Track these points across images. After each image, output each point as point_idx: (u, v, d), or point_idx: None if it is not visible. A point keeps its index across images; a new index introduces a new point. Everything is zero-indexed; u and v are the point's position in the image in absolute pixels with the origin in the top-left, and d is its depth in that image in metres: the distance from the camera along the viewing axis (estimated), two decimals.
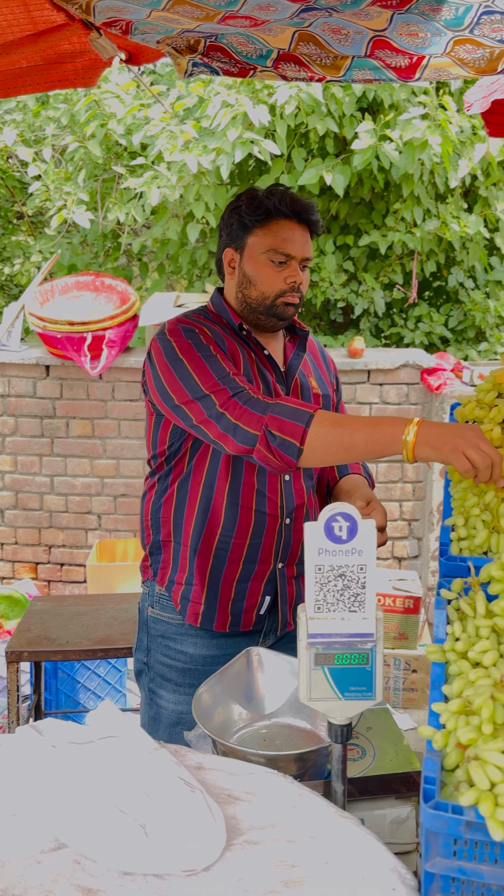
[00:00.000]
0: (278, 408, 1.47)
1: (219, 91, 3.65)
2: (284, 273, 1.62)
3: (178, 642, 1.73)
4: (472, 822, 0.87)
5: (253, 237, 1.63)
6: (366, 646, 1.22)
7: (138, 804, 1.13)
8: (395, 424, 1.39)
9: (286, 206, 1.62)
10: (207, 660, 1.72)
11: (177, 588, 1.73)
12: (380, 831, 1.39)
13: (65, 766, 1.19)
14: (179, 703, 1.72)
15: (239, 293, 1.67)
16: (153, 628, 1.76)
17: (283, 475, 1.69)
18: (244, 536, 1.68)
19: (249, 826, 1.15)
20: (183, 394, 1.54)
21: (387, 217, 4.04)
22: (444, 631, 1.17)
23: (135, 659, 1.82)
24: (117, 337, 3.76)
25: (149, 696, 1.78)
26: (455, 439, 1.32)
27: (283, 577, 1.73)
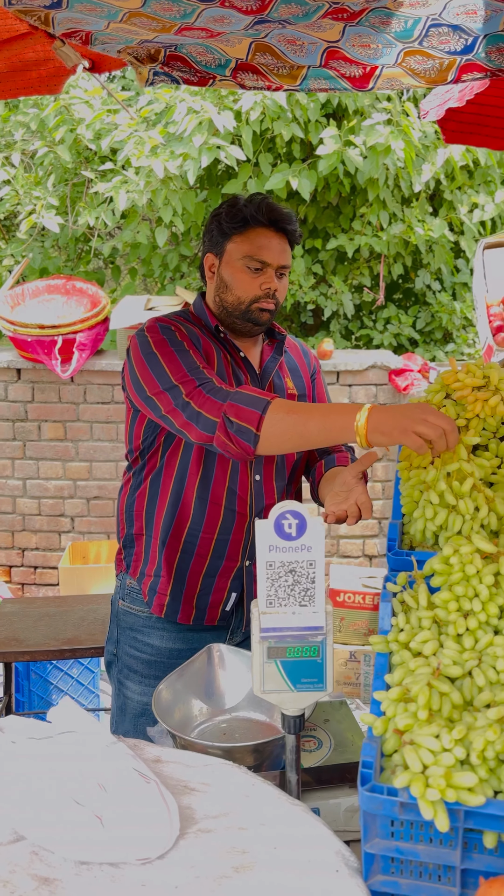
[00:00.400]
0: (237, 395, 1.51)
1: (184, 98, 3.69)
2: (260, 279, 1.67)
3: (146, 635, 1.77)
4: (406, 803, 0.92)
5: (231, 244, 1.68)
6: (316, 639, 1.27)
7: (95, 796, 1.16)
8: (346, 412, 1.42)
9: (263, 215, 1.66)
10: (173, 653, 1.76)
11: (146, 580, 1.77)
12: (335, 820, 1.43)
13: (23, 760, 1.22)
14: (145, 695, 1.76)
15: (217, 297, 1.73)
16: (123, 620, 1.81)
17: (253, 475, 1.73)
18: (212, 532, 1.72)
19: (203, 815, 1.18)
20: (154, 385, 1.58)
21: (354, 221, 4.10)
22: (388, 623, 1.21)
23: (106, 650, 1.87)
24: (88, 340, 3.78)
25: (117, 688, 1.83)
26: (402, 420, 1.34)
27: (249, 574, 1.77)
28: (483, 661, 1.06)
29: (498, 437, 1.47)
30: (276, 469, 1.77)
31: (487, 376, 1.47)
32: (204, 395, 1.53)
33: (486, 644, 1.08)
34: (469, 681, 1.06)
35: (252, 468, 1.73)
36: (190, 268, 4.58)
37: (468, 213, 4.04)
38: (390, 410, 1.38)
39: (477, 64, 1.77)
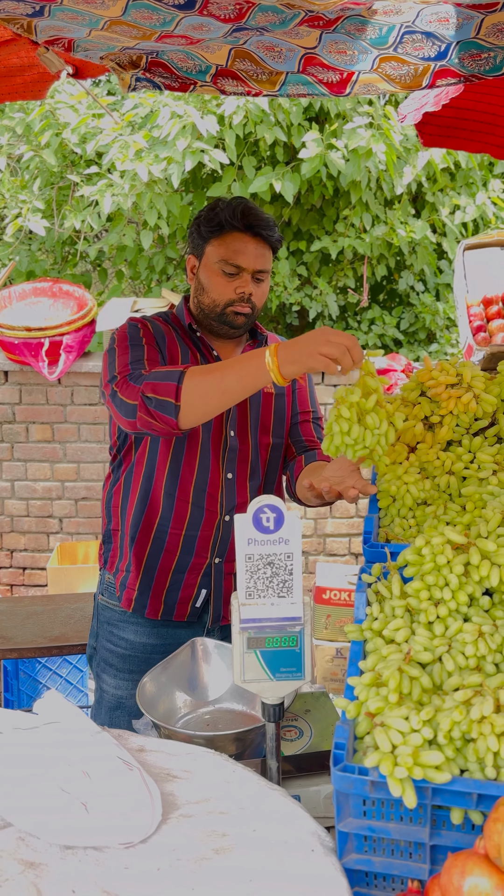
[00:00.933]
0: (152, 374, 1.55)
1: (167, 102, 3.72)
2: (235, 283, 1.69)
3: (121, 629, 1.80)
4: (376, 781, 0.95)
5: (210, 247, 1.71)
6: (294, 629, 1.30)
7: (79, 783, 1.19)
8: (256, 356, 1.45)
9: (238, 220, 1.68)
10: (147, 647, 1.79)
11: (119, 575, 1.81)
12: (315, 806, 1.47)
13: (10, 750, 1.25)
14: (119, 688, 1.79)
15: (195, 298, 1.77)
16: (101, 614, 1.85)
17: (225, 473, 1.76)
18: (180, 528, 1.75)
19: (185, 801, 1.22)
20: (105, 375, 1.65)
21: (337, 223, 4.15)
22: (363, 612, 1.25)
23: (88, 644, 1.90)
24: (75, 342, 3.81)
25: (96, 681, 1.86)
26: (307, 346, 1.39)
27: (219, 572, 1.80)
28: (452, 647, 1.10)
29: (471, 433, 1.51)
30: (250, 468, 1.79)
31: (461, 374, 1.52)
32: (126, 383, 1.58)
33: (455, 631, 1.12)
34: (439, 666, 1.10)
35: (224, 466, 1.76)
36: (176, 270, 4.61)
37: (450, 214, 4.09)
38: (294, 341, 1.42)
39: (451, 70, 1.81)
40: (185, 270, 1.86)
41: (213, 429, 1.74)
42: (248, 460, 1.79)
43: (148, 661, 1.76)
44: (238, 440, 1.77)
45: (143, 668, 1.76)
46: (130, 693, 1.78)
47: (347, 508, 3.97)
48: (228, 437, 1.76)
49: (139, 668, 1.77)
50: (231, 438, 1.76)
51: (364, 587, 1.29)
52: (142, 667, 1.76)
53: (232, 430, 1.76)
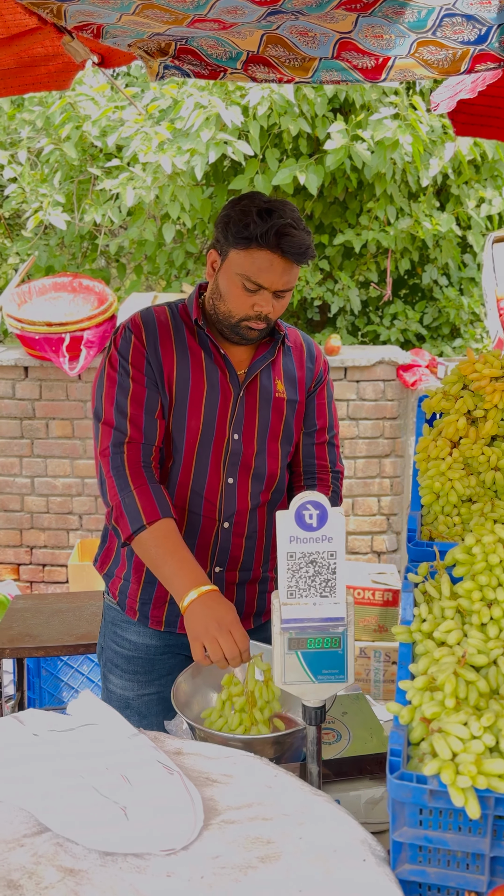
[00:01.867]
0: (128, 499, 1.56)
1: (191, 93, 3.68)
2: (254, 300, 1.58)
3: (124, 630, 1.75)
4: (435, 790, 0.91)
5: (234, 253, 1.57)
6: (337, 629, 1.26)
7: (118, 788, 1.16)
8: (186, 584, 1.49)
9: (269, 241, 1.53)
10: (151, 649, 1.73)
11: (115, 581, 1.74)
12: (355, 812, 1.43)
13: (46, 753, 1.22)
14: (126, 689, 1.74)
15: (211, 300, 1.65)
16: (107, 614, 1.80)
17: (226, 478, 1.68)
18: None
19: (226, 806, 1.18)
20: (93, 408, 1.65)
21: (361, 216, 4.09)
22: (411, 613, 1.21)
23: (98, 643, 1.85)
24: (95, 337, 3.78)
25: (103, 680, 1.82)
26: (200, 626, 1.45)
27: (220, 582, 1.70)
28: None
29: None
30: (252, 474, 1.69)
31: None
32: (108, 471, 1.59)
33: None
34: (494, 669, 1.05)
35: (225, 471, 1.67)
36: (196, 265, 4.57)
37: (476, 207, 4.03)
38: (207, 610, 1.46)
39: (490, 54, 1.76)
40: (205, 263, 1.77)
41: (216, 432, 1.65)
42: (251, 466, 1.69)
43: (153, 663, 1.71)
44: (242, 444, 1.68)
45: (147, 669, 1.72)
46: (138, 694, 1.73)
47: (370, 506, 3.92)
48: (231, 441, 1.67)
49: (144, 668, 1.73)
50: (234, 442, 1.67)
51: (410, 587, 1.25)
52: (146, 667, 1.72)
53: (236, 433, 1.67)
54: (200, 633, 1.44)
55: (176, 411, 1.65)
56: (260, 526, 1.72)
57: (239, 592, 1.74)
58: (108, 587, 1.77)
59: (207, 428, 1.66)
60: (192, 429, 1.65)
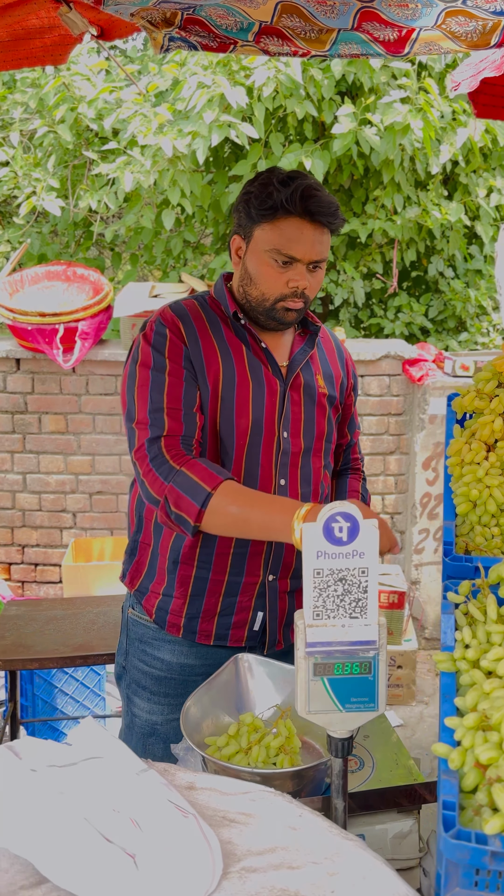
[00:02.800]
0: (180, 478, 1.42)
1: (195, 71, 3.53)
2: (287, 275, 1.48)
3: (156, 648, 1.63)
4: (497, 851, 0.79)
5: (259, 230, 1.48)
6: (368, 654, 1.15)
7: (126, 833, 1.04)
8: (286, 510, 1.34)
9: (295, 205, 1.44)
10: (186, 669, 1.61)
11: (150, 597, 1.62)
12: (381, 847, 1.32)
13: (45, 792, 1.09)
14: (153, 713, 1.62)
15: (241, 287, 1.55)
16: (132, 631, 1.66)
17: (278, 479, 1.59)
18: (227, 547, 1.56)
19: (246, 851, 1.07)
20: (124, 410, 1.52)
21: (366, 204, 3.96)
22: (452, 637, 1.09)
23: (116, 661, 1.72)
24: (91, 329, 3.64)
25: (126, 703, 1.69)
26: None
27: (273, 591, 1.61)
28: None
29: None
30: (301, 474, 1.60)
31: None
32: (148, 465, 1.45)
33: None
34: None
35: (277, 472, 1.57)
36: (194, 254, 4.43)
37: (485, 196, 3.90)
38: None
39: None
40: (228, 249, 1.64)
41: (266, 429, 1.55)
42: (299, 465, 1.60)
43: (186, 684, 1.58)
44: (291, 443, 1.58)
45: (180, 692, 1.59)
46: (167, 718, 1.61)
47: (374, 504, 3.81)
48: (282, 439, 1.57)
49: (176, 691, 1.60)
50: (284, 440, 1.57)
51: (451, 608, 1.13)
52: (179, 690, 1.59)
53: (285, 430, 1.57)
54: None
55: (223, 411, 1.52)
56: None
57: (290, 601, 1.64)
58: (142, 604, 1.63)
59: (257, 426, 1.54)
60: (241, 428, 1.53)
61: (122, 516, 3.88)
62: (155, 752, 1.60)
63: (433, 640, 3.74)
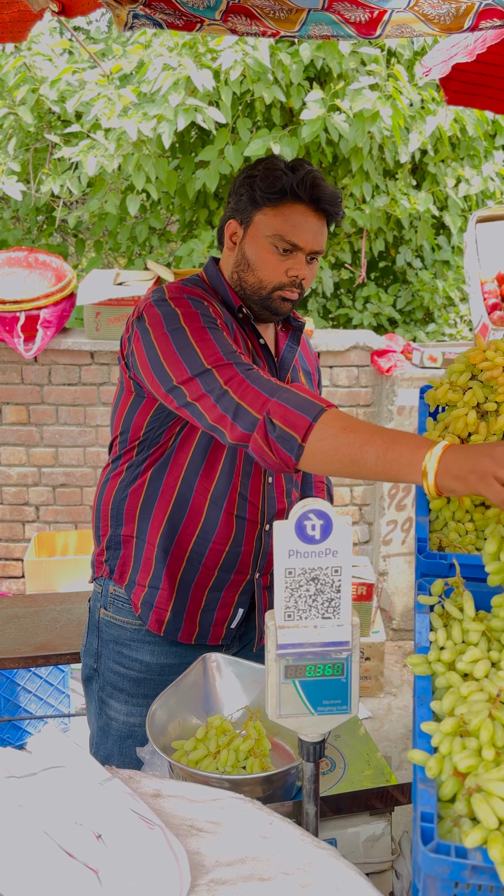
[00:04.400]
0: (287, 394, 1.26)
1: (160, 53, 3.44)
2: (287, 263, 1.44)
3: (133, 649, 1.58)
4: (478, 865, 0.76)
5: (261, 215, 1.44)
6: (341, 655, 1.11)
7: (89, 847, 0.99)
8: (416, 446, 1.14)
9: (304, 190, 1.41)
10: (165, 669, 1.57)
11: (138, 590, 1.57)
12: (353, 850, 1.29)
13: (2, 805, 1.04)
14: (131, 715, 1.58)
15: (235, 274, 1.49)
16: (105, 632, 1.61)
17: (266, 477, 1.54)
18: (224, 543, 1.53)
19: (215, 862, 1.03)
20: (182, 371, 1.33)
21: None
22: (426, 638, 1.06)
23: (83, 663, 1.66)
24: (53, 317, 3.54)
25: (98, 706, 1.63)
26: (483, 461, 1.06)
27: (259, 588, 1.59)
28: None
29: None
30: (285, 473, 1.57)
31: None
32: (246, 384, 1.28)
33: None
34: None
35: (265, 469, 1.53)
36: (160, 241, 4.35)
37: (454, 186, 3.89)
38: (470, 450, 1.10)
39: (497, 9, 1.60)
40: (217, 234, 1.56)
41: None
42: None
43: (166, 684, 1.54)
44: None
45: (158, 692, 1.55)
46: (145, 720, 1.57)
47: (342, 496, 3.79)
48: None
49: (155, 691, 1.55)
50: None
51: (425, 608, 1.10)
52: (158, 690, 1.54)
53: None
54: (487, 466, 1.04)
55: None
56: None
57: (270, 596, 1.63)
58: (130, 598, 1.57)
59: None
60: None
61: (86, 510, 3.80)
62: (131, 754, 1.56)
63: (401, 631, 3.74)
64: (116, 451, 1.57)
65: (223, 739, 1.27)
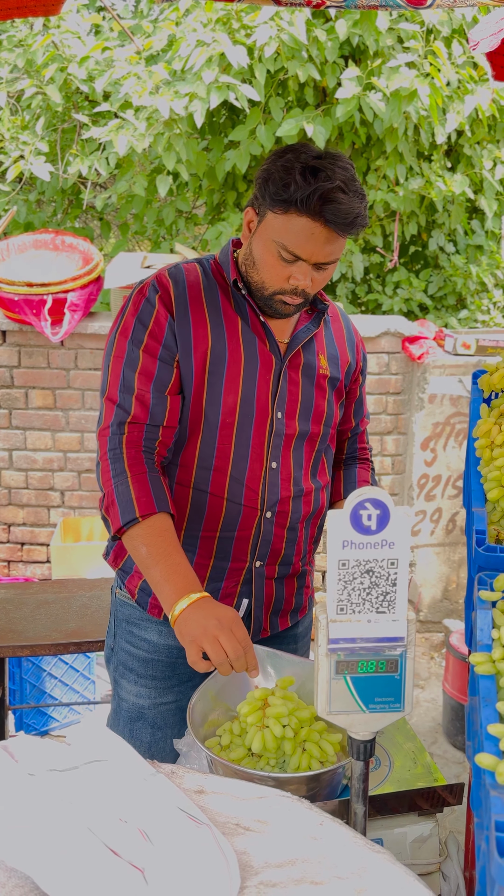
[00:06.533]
0: (122, 486, 1.39)
1: (195, 27, 3.35)
2: (290, 271, 1.38)
3: (142, 629, 1.54)
4: None
5: (271, 215, 1.37)
6: (395, 651, 1.07)
7: (135, 844, 0.96)
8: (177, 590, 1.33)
9: (312, 208, 1.31)
10: (173, 651, 1.52)
11: (133, 578, 1.54)
12: (400, 851, 1.25)
13: (45, 799, 1.01)
14: (140, 697, 1.54)
15: (244, 266, 1.45)
16: (119, 611, 1.59)
17: (269, 462, 1.49)
18: (213, 529, 1.48)
19: (264, 863, 0.99)
20: (101, 380, 1.48)
21: (367, 174, 3.82)
22: (488, 635, 1.01)
23: (105, 644, 1.65)
24: (80, 300, 3.50)
25: (113, 687, 1.61)
26: (195, 628, 1.27)
27: (260, 577, 1.53)
28: None
29: None
30: (293, 457, 1.51)
31: None
32: (105, 453, 1.43)
33: None
34: None
35: (269, 454, 1.48)
36: (188, 224, 4.28)
37: (491, 169, 3.78)
38: (203, 611, 1.29)
39: None
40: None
41: (258, 409, 1.46)
42: (292, 447, 1.51)
43: (173, 666, 1.51)
44: (286, 424, 1.49)
45: (167, 674, 1.52)
46: (154, 703, 1.53)
47: None
48: (275, 420, 1.48)
49: (164, 673, 1.52)
50: (278, 421, 1.48)
51: (487, 604, 1.05)
52: (166, 672, 1.52)
53: (280, 411, 1.48)
54: (198, 633, 1.27)
55: (211, 387, 1.44)
56: (303, 516, 1.54)
57: (278, 588, 1.57)
58: (125, 584, 1.55)
59: (247, 404, 1.45)
60: (228, 405, 1.44)
61: None
62: (142, 737, 1.53)
63: (428, 623, 3.69)
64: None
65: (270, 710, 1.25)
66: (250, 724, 1.24)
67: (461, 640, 2.88)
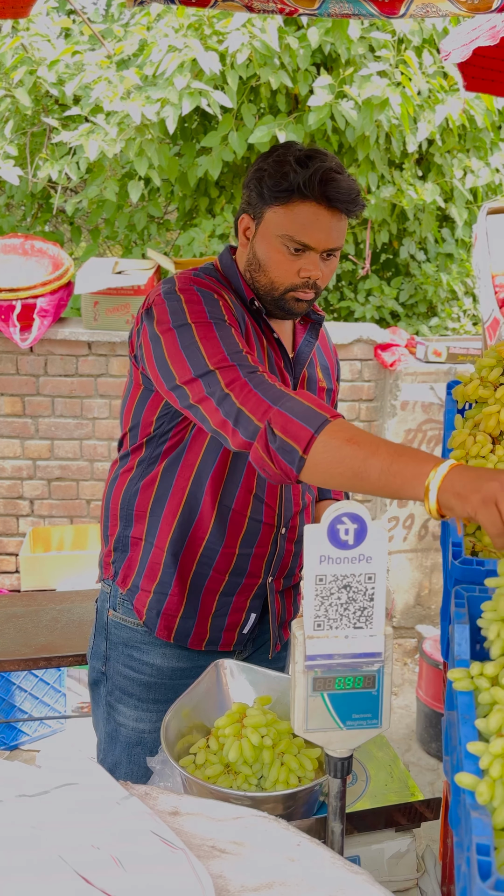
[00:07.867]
0: (290, 402, 1.21)
1: (166, 33, 3.34)
2: (299, 264, 1.37)
3: (144, 652, 1.51)
4: None
5: (271, 212, 1.36)
6: (372, 667, 1.06)
7: (107, 871, 0.93)
8: (422, 461, 1.10)
9: (313, 189, 1.32)
10: (177, 673, 1.51)
11: (142, 596, 1.50)
12: (378, 868, 1.23)
13: (14, 826, 0.97)
14: (141, 721, 1.52)
15: (248, 272, 1.43)
16: (114, 634, 1.54)
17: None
18: (233, 546, 1.47)
19: (240, 887, 0.97)
20: (185, 370, 1.29)
21: None
22: (466, 650, 1.00)
23: (90, 667, 1.60)
24: (50, 306, 3.45)
25: (106, 711, 1.56)
26: (487, 485, 1.01)
27: (271, 592, 1.54)
28: None
29: None
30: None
31: None
32: (248, 389, 1.23)
33: None
34: None
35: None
36: (160, 230, 4.26)
37: (461, 178, 3.82)
38: (479, 472, 1.05)
39: None
40: (234, 227, 1.50)
41: None
42: None
43: (177, 689, 1.48)
44: None
45: (171, 697, 1.48)
46: (155, 726, 1.51)
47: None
48: None
49: (167, 696, 1.49)
50: None
51: (464, 617, 1.04)
52: (170, 695, 1.49)
53: None
54: (490, 491, 1.00)
55: None
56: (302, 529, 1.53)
57: (281, 599, 1.57)
58: (133, 604, 1.51)
59: None
60: None
61: (82, 504, 3.72)
62: (140, 762, 1.50)
63: (401, 629, 3.70)
64: (126, 447, 1.51)
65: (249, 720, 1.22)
66: (227, 735, 1.21)
67: (434, 647, 2.88)
